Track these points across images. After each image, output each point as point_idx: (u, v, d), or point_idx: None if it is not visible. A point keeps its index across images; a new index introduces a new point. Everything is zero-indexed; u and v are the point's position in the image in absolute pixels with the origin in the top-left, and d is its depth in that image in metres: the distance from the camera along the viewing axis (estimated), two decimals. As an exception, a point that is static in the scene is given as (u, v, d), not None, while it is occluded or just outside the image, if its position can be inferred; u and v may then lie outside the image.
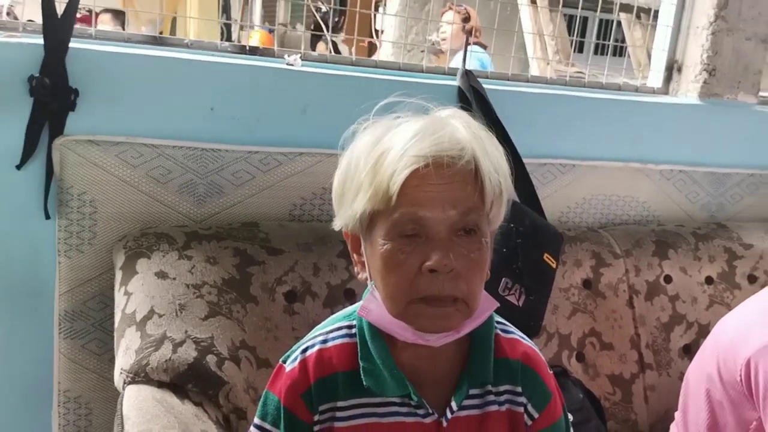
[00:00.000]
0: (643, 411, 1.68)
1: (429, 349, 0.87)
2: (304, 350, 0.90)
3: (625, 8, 3.14)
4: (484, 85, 1.74)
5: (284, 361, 0.91)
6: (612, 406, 1.66)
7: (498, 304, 0.90)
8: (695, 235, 1.87)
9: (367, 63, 1.70)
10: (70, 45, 1.33)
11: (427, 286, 0.81)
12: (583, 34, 2.05)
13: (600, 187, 1.88)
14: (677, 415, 1.34)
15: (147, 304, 1.23)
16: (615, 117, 1.90)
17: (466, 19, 3.47)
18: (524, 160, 1.71)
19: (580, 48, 2.07)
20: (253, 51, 1.58)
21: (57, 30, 1.30)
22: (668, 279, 1.79)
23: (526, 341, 0.95)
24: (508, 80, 1.87)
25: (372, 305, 0.88)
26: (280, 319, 1.34)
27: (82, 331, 1.42)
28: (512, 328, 0.96)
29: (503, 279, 1.47)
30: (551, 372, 0.96)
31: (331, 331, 0.92)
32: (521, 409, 0.91)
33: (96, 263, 1.40)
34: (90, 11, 1.79)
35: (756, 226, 1.99)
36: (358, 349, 0.89)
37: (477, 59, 3.55)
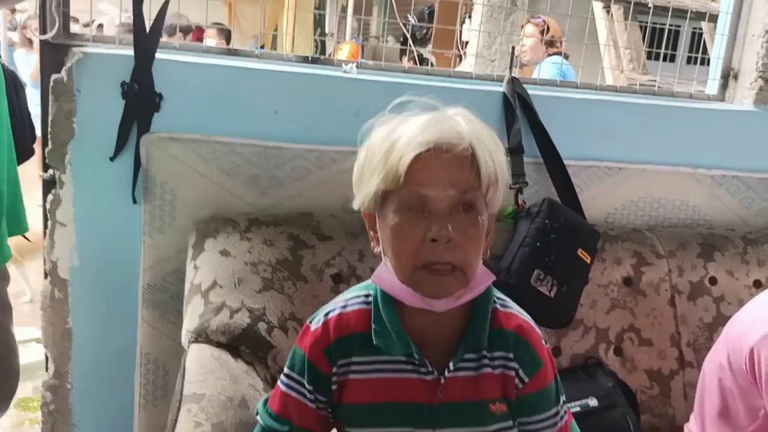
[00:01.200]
0: (681, 406, 1.72)
1: (434, 316, 0.99)
2: (327, 313, 1.05)
3: (704, 17, 3.12)
4: (534, 92, 1.85)
5: (310, 322, 1.06)
6: (649, 399, 1.71)
7: (494, 278, 1.02)
8: (745, 239, 1.89)
9: (418, 71, 1.85)
10: (157, 56, 1.55)
11: (428, 254, 0.94)
12: (666, 43, 2.08)
13: (648, 190, 1.93)
14: (695, 405, 1.40)
15: (211, 277, 1.42)
16: (666, 123, 1.95)
17: (544, 31, 3.53)
18: (569, 162, 1.81)
19: (664, 58, 2.11)
20: (315, 61, 1.76)
21: (145, 43, 1.53)
22: (713, 281, 1.82)
23: (523, 316, 1.06)
24: (557, 86, 1.96)
25: (384, 274, 1.02)
26: (327, 297, 1.49)
27: (161, 301, 1.64)
28: (511, 304, 1.07)
29: (536, 271, 1.57)
30: (547, 346, 1.06)
31: (351, 298, 1.07)
32: (512, 373, 1.02)
33: (174, 243, 1.62)
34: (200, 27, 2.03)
35: (814, 232, 1.97)
36: (372, 314, 1.03)
37: (556, 69, 3.61)
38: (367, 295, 1.06)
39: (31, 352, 2.59)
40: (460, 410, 1.01)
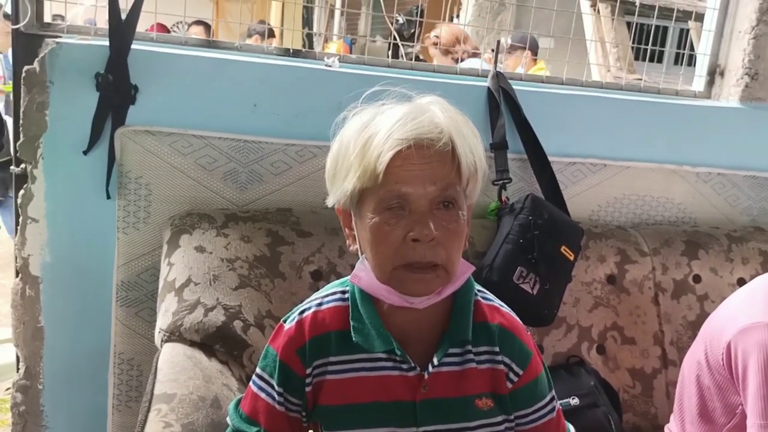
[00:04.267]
0: (663, 406, 1.70)
1: (414, 312, 0.96)
2: (302, 312, 1.02)
3: (691, 15, 3.11)
4: (520, 87, 1.82)
5: (284, 321, 1.03)
6: (631, 398, 1.70)
7: (474, 268, 1.00)
8: (729, 237, 1.88)
9: (402, 65, 1.81)
10: (132, 47, 1.51)
11: (410, 254, 0.91)
12: (653, 43, 2.06)
13: (632, 187, 1.91)
14: (675, 404, 1.38)
15: (185, 274, 1.38)
16: (652, 120, 1.93)
17: (437, 43, 3.53)
18: (552, 159, 1.78)
19: (651, 58, 2.10)
20: (296, 53, 1.73)
21: (121, 33, 1.49)
22: (697, 279, 1.81)
23: (505, 308, 1.04)
24: (542, 82, 1.94)
25: (362, 273, 0.98)
26: (305, 295, 1.45)
27: (136, 300, 1.60)
28: (492, 297, 1.05)
29: (518, 268, 1.55)
30: (529, 333, 1.04)
31: (327, 296, 1.03)
32: (501, 367, 0.99)
33: (149, 240, 1.58)
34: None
35: (798, 230, 1.96)
36: (350, 311, 1.00)
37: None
38: (343, 292, 1.03)
39: (4, 353, 2.54)
40: (444, 406, 0.97)
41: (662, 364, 1.73)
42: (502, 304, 1.04)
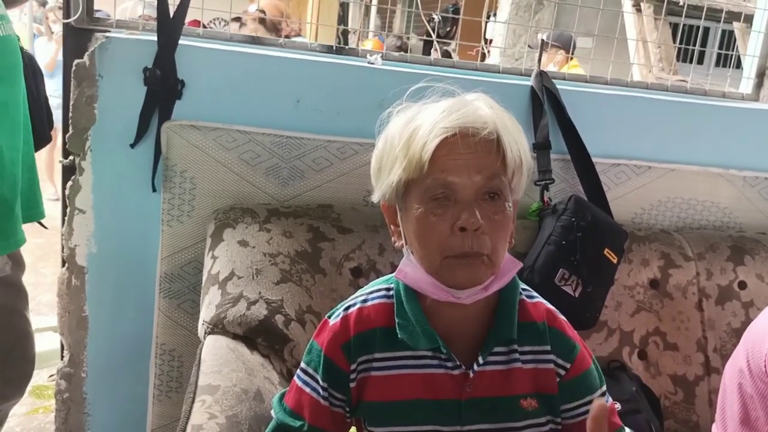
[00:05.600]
0: (706, 413, 1.67)
1: (459, 310, 0.96)
2: (347, 308, 1.02)
3: (737, 17, 3.05)
4: (563, 87, 1.80)
5: (329, 317, 1.03)
6: (672, 405, 1.67)
7: (521, 264, 0.99)
8: (776, 243, 1.84)
9: (444, 63, 1.81)
10: (180, 42, 1.53)
11: (458, 244, 0.90)
12: (701, 44, 2.02)
13: (677, 190, 1.88)
14: (717, 413, 1.35)
15: (229, 267, 1.40)
16: (698, 122, 1.90)
17: (263, 20, 3.45)
18: (596, 160, 1.76)
19: (692, 59, 2.07)
20: (339, 50, 1.73)
21: (169, 29, 1.51)
22: (743, 285, 1.77)
23: (548, 305, 1.03)
24: (586, 82, 1.91)
25: (408, 268, 0.98)
26: (345, 291, 1.47)
27: (178, 291, 1.62)
28: (535, 294, 1.04)
29: (560, 270, 1.53)
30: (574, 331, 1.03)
31: (371, 293, 1.03)
32: (550, 366, 0.98)
33: (193, 233, 1.60)
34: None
35: None
36: (395, 308, 1.00)
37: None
38: (388, 289, 1.03)
39: (47, 341, 2.59)
40: (490, 406, 0.97)
41: (705, 371, 1.70)
42: (545, 301, 1.04)
